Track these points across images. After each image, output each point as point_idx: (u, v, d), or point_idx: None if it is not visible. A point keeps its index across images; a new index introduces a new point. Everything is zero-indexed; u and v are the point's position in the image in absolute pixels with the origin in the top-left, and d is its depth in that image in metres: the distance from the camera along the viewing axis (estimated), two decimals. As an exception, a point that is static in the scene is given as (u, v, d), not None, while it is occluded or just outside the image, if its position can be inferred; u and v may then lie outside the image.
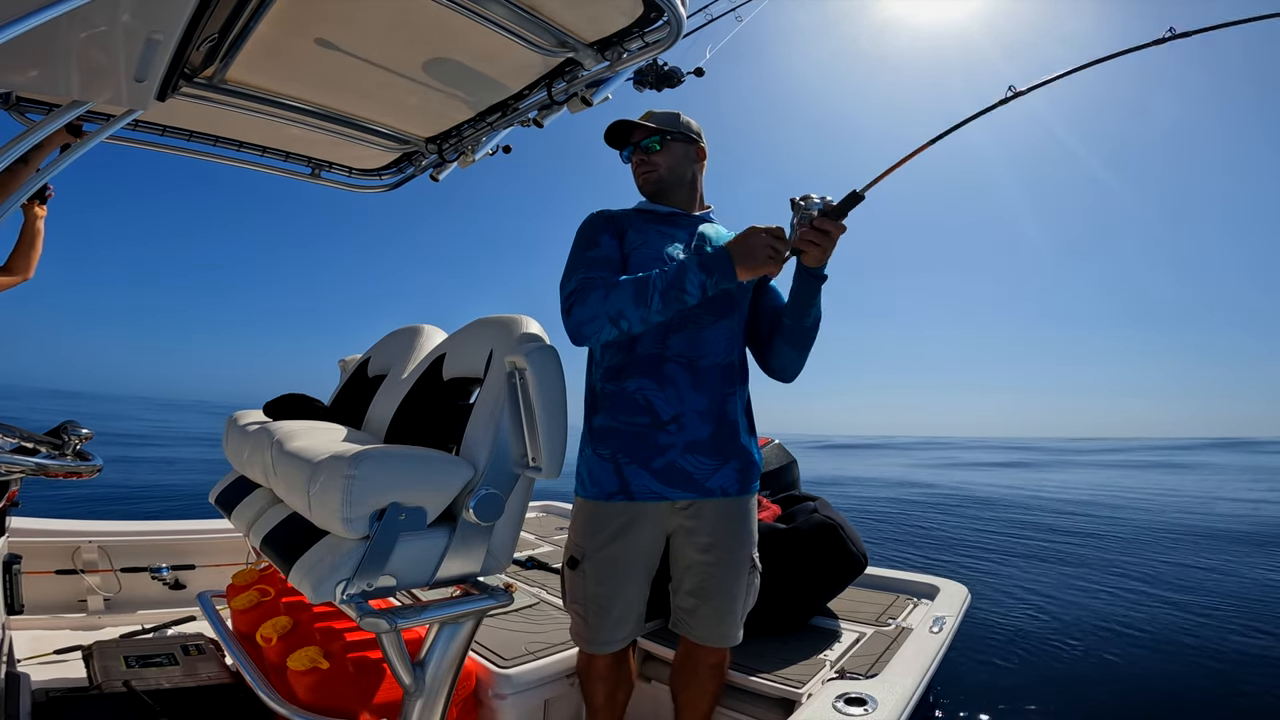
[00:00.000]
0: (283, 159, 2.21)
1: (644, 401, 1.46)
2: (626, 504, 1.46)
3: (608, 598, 1.48)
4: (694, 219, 1.61)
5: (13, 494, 1.53)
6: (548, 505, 3.94)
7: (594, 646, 1.51)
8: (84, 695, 1.64)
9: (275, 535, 1.37)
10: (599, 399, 1.52)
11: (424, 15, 1.42)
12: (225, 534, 2.57)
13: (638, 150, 1.58)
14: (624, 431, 1.46)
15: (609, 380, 1.50)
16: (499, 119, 1.95)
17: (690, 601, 1.52)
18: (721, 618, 1.51)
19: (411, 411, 1.64)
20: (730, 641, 1.54)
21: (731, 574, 1.50)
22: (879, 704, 1.55)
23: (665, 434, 1.45)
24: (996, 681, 3.18)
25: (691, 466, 1.45)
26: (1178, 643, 3.82)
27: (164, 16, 1.12)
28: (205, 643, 2.02)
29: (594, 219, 1.53)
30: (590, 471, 1.50)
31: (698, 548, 1.50)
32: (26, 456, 1.14)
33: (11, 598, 1.77)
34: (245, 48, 1.54)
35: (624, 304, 1.34)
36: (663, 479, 1.44)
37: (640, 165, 1.58)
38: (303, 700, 1.46)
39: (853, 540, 2.27)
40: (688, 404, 1.46)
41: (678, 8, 1.37)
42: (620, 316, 1.34)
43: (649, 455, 1.45)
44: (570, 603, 1.54)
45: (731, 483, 1.49)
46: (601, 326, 1.36)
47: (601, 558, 1.47)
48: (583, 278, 1.40)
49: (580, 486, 1.53)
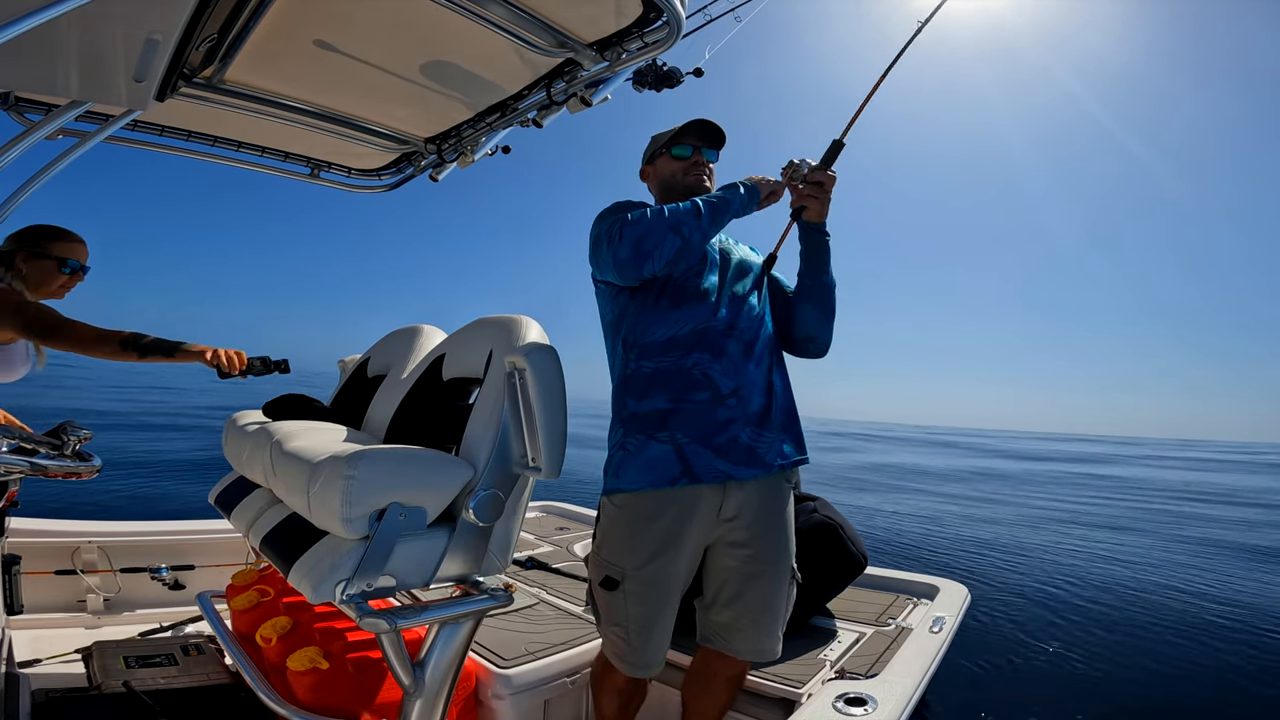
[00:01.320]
0: (282, 159, 2.21)
1: (702, 376, 1.40)
2: (688, 488, 1.39)
3: (651, 618, 1.42)
4: None
5: (12, 494, 1.53)
6: (548, 505, 3.94)
7: (638, 670, 1.45)
8: (84, 695, 1.64)
9: (275, 535, 1.37)
10: (643, 381, 1.44)
11: (423, 16, 1.42)
12: (225, 534, 2.57)
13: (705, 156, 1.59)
14: (683, 410, 1.39)
15: (655, 358, 1.44)
16: (498, 119, 1.95)
17: (728, 615, 1.47)
18: (766, 631, 1.48)
19: (411, 412, 1.64)
20: (772, 655, 1.50)
21: (773, 584, 1.47)
22: (879, 704, 1.55)
23: (725, 408, 1.40)
24: (997, 681, 3.18)
25: (752, 439, 1.42)
26: (1179, 643, 3.83)
27: (163, 17, 1.12)
28: (205, 643, 2.02)
29: (624, 201, 1.52)
30: (643, 460, 1.40)
31: (739, 558, 1.45)
32: (26, 457, 1.14)
33: (11, 598, 1.78)
34: (244, 48, 1.54)
35: (680, 216, 1.37)
36: (727, 457, 1.39)
37: (703, 166, 1.58)
38: (302, 700, 1.46)
39: (852, 540, 2.27)
40: (744, 376, 1.43)
41: (677, 8, 1.38)
42: (680, 224, 1.36)
43: (712, 432, 1.39)
44: (608, 625, 1.47)
45: (790, 451, 1.49)
46: (664, 236, 1.36)
47: (643, 578, 1.40)
48: (626, 213, 1.41)
49: (623, 480, 1.42)
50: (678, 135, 1.57)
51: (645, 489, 1.40)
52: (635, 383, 1.45)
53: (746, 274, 1.55)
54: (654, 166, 1.63)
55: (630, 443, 1.43)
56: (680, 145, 1.57)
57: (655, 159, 1.62)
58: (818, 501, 2.44)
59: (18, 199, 1.54)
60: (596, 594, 1.48)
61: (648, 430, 1.41)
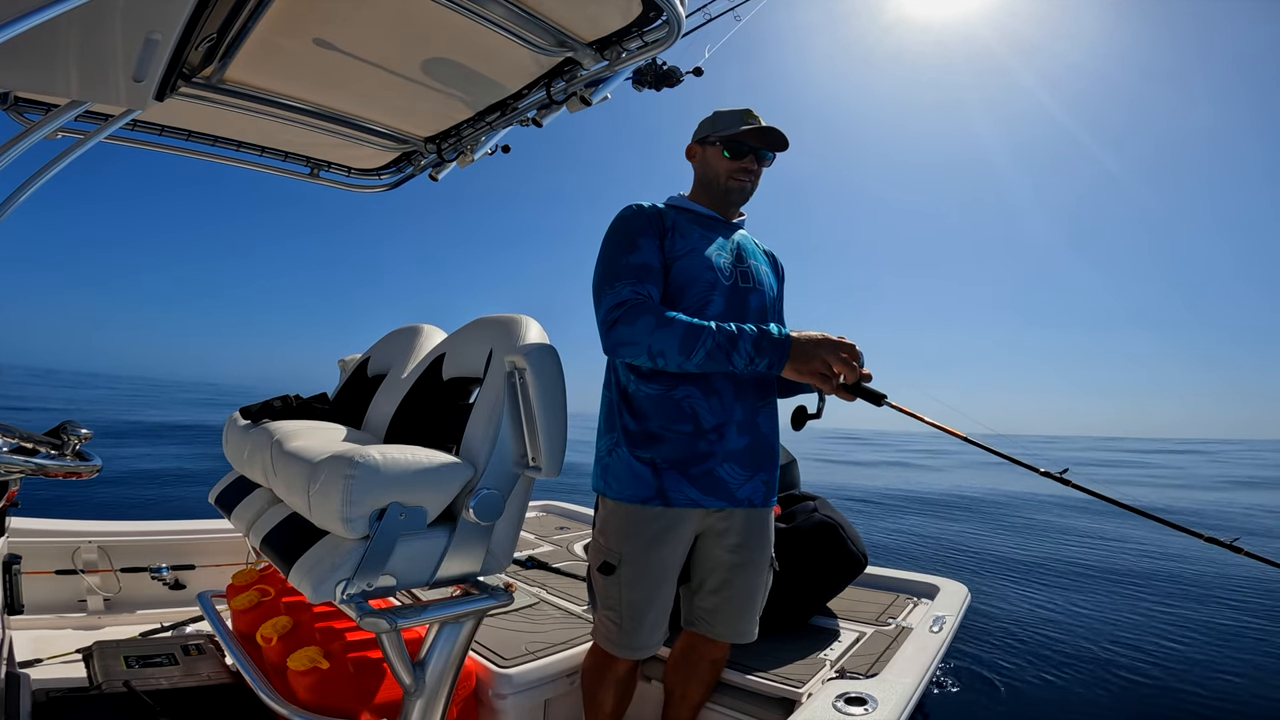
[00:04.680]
0: (281, 159, 2.21)
1: (689, 410, 1.44)
2: (662, 510, 1.44)
3: (645, 603, 1.46)
4: (732, 225, 1.61)
5: (12, 494, 1.53)
6: (548, 505, 3.94)
7: (628, 651, 1.48)
8: (84, 695, 1.64)
9: (275, 535, 1.37)
10: (637, 401, 1.47)
11: (423, 15, 1.42)
12: (225, 534, 2.57)
13: (759, 159, 1.54)
14: (667, 438, 1.44)
15: (650, 383, 1.46)
16: (498, 119, 1.95)
17: (713, 600, 1.54)
18: (744, 616, 1.55)
19: (411, 411, 1.64)
20: (750, 637, 1.57)
21: (755, 573, 1.54)
22: (879, 704, 1.55)
23: (706, 442, 1.44)
24: (997, 681, 3.18)
25: (726, 475, 1.45)
26: (1178, 644, 3.83)
27: (162, 16, 1.12)
28: (205, 643, 2.02)
29: (633, 216, 1.47)
30: (625, 474, 1.45)
31: (727, 548, 1.51)
32: (26, 456, 1.14)
33: (11, 598, 1.77)
34: (244, 47, 1.54)
35: (669, 345, 1.32)
36: (700, 487, 1.43)
37: (753, 174, 1.55)
38: (303, 700, 1.46)
39: (853, 540, 2.27)
40: (730, 415, 1.45)
41: (676, 7, 1.37)
42: (660, 354, 1.33)
43: (689, 463, 1.43)
44: (602, 608, 1.50)
45: (759, 494, 1.51)
46: (639, 354, 1.36)
47: (638, 563, 1.44)
48: (632, 292, 1.37)
49: (608, 487, 1.49)
50: (738, 135, 1.50)
51: (624, 501, 1.46)
52: (632, 401, 1.48)
53: (751, 310, 1.51)
54: (703, 150, 1.58)
55: (621, 453, 1.48)
56: (736, 144, 1.51)
57: (706, 144, 1.56)
58: (818, 501, 2.44)
59: (17, 199, 1.54)
60: (594, 579, 1.53)
61: (634, 447, 1.46)
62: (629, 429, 1.47)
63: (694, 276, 1.45)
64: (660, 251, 1.45)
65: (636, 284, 1.39)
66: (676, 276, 1.44)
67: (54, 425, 1.20)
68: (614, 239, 1.45)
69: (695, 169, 1.61)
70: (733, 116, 1.53)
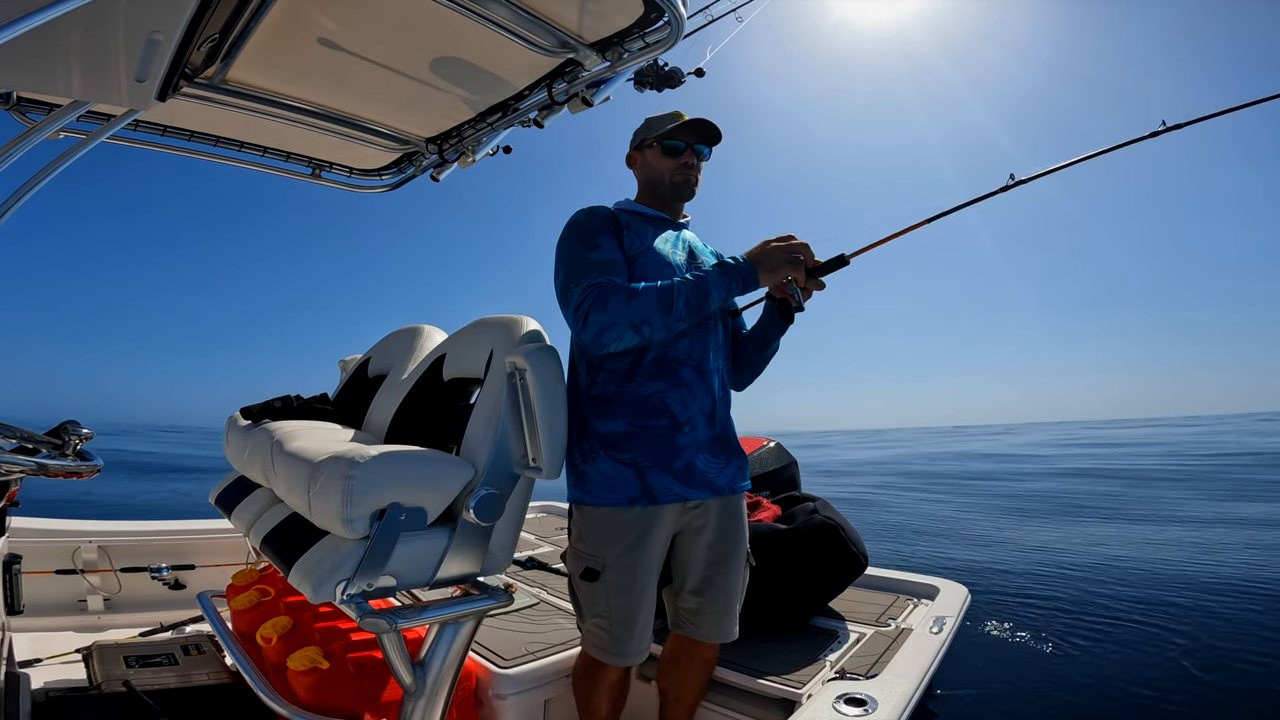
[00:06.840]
0: (283, 159, 2.21)
1: (661, 404, 1.44)
2: (648, 508, 1.43)
3: (634, 606, 1.44)
4: (679, 225, 1.62)
5: (13, 494, 1.53)
6: (548, 505, 3.94)
7: (621, 659, 1.47)
8: (84, 695, 1.64)
9: (275, 535, 1.37)
10: (605, 404, 1.46)
11: (425, 15, 1.42)
12: (225, 534, 2.57)
13: (696, 154, 1.56)
14: (644, 435, 1.43)
15: (618, 384, 1.46)
16: (499, 119, 1.95)
17: (694, 601, 1.54)
18: (725, 614, 1.56)
19: (411, 412, 1.64)
20: (731, 636, 1.58)
21: (733, 570, 1.55)
22: (879, 704, 1.55)
23: (682, 435, 1.45)
24: (997, 681, 3.18)
25: (705, 465, 1.48)
26: (1179, 644, 3.82)
27: (164, 16, 1.12)
28: (205, 642, 2.02)
29: (588, 218, 1.48)
30: (605, 478, 1.43)
31: (704, 545, 1.52)
32: (26, 456, 1.14)
33: (11, 598, 1.78)
34: (246, 48, 1.54)
35: (648, 311, 1.32)
36: (683, 480, 1.45)
37: (694, 168, 1.57)
38: (303, 700, 1.46)
39: (853, 540, 2.27)
40: (698, 406, 1.48)
41: (678, 8, 1.38)
42: (644, 323, 1.33)
43: (670, 458, 1.44)
44: (590, 616, 1.48)
45: (736, 479, 1.55)
46: (624, 333, 1.33)
47: (623, 566, 1.43)
48: (595, 282, 1.36)
49: (588, 495, 1.46)
50: (670, 131, 1.54)
51: (606, 506, 1.44)
52: (599, 404, 1.47)
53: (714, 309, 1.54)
54: (642, 155, 1.60)
55: (594, 459, 1.45)
56: (672, 140, 1.54)
57: (644, 148, 1.59)
58: (818, 502, 2.44)
59: (20, 199, 1.54)
60: (578, 587, 1.51)
61: (609, 450, 1.44)
62: (602, 433, 1.45)
63: (655, 274, 1.44)
64: (620, 248, 1.46)
65: (599, 274, 1.38)
66: (637, 275, 1.44)
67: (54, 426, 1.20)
68: (573, 240, 1.45)
69: (638, 175, 1.64)
70: (664, 119, 1.57)
